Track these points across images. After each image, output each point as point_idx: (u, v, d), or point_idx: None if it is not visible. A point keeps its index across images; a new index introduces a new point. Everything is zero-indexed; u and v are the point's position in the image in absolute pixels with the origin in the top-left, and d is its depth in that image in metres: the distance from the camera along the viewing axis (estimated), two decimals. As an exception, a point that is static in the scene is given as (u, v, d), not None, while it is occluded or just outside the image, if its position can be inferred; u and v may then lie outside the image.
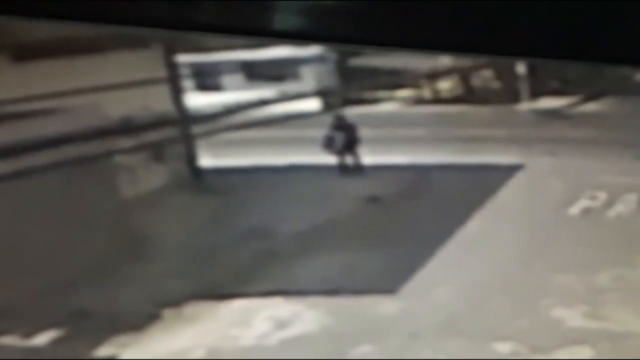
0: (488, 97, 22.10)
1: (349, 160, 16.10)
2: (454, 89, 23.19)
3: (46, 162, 9.38)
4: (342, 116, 16.71)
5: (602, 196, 12.91)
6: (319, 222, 12.27)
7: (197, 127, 15.26)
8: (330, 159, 15.87)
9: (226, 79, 21.91)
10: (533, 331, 8.51)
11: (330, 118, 16.56)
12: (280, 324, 9.11)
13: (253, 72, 21.96)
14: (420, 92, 23.22)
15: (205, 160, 15.62)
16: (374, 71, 19.49)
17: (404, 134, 18.10)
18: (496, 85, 22.98)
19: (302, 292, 9.89)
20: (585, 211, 12.51)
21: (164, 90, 14.79)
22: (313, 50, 20.49)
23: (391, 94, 22.95)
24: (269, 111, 14.10)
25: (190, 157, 15.47)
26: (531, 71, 21.50)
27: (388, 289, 9.77)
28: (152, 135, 12.55)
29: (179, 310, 9.61)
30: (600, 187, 13.21)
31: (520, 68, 21.55)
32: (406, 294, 9.67)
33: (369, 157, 15.79)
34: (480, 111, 21.13)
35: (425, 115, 21.05)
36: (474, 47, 0.73)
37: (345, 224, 12.39)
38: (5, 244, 9.55)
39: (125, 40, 13.00)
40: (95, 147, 10.62)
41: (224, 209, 13.22)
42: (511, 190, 13.90)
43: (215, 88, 21.28)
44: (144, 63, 13.90)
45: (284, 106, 15.54)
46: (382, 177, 14.81)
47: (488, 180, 14.11)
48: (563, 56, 0.74)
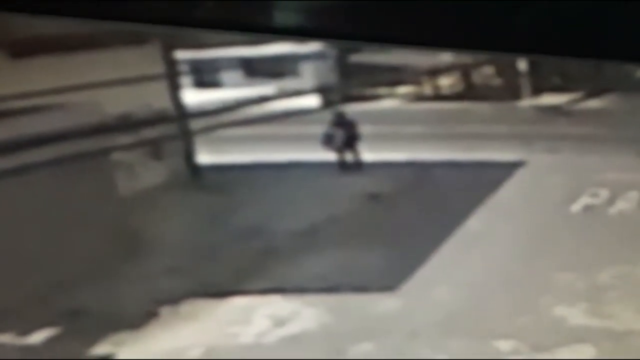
0: (489, 94, 22.05)
1: (349, 157, 16.05)
2: (454, 85, 23.14)
3: (43, 159, 9.32)
4: (342, 113, 16.65)
5: (604, 193, 12.85)
6: (318, 220, 12.22)
7: (196, 124, 15.19)
8: (330, 156, 15.82)
9: (225, 76, 21.86)
10: (534, 329, 8.46)
11: (329, 115, 16.50)
12: (279, 322, 9.05)
13: (252, 69, 21.92)
14: (420, 89, 23.18)
15: (204, 157, 15.56)
16: (374, 68, 19.43)
17: (404, 130, 18.05)
18: (497, 81, 22.92)
19: (301, 290, 9.84)
20: (587, 208, 12.44)
21: (162, 86, 14.76)
22: (313, 46, 20.42)
23: (391, 91, 22.89)
24: (269, 108, 14.04)
25: (189, 154, 15.42)
26: (532, 68, 21.45)
27: (388, 286, 9.73)
28: (151, 132, 12.52)
29: (177, 308, 9.56)
30: (602, 184, 13.15)
31: (522, 65, 21.50)
32: (406, 291, 9.62)
33: (368, 154, 15.74)
34: (481, 108, 21.08)
35: (426, 112, 21.00)
36: (475, 44, 0.74)
37: (344, 221, 12.33)
38: (1, 242, 9.48)
39: (123, 36, 12.95)
40: (93, 144, 10.56)
41: (223, 206, 13.16)
42: (512, 187, 13.85)
43: (214, 85, 21.23)
44: (143, 59, 13.85)
45: (284, 103, 15.46)
46: (382, 174, 14.76)
47: (489, 178, 14.06)
48: (564, 53, 0.74)
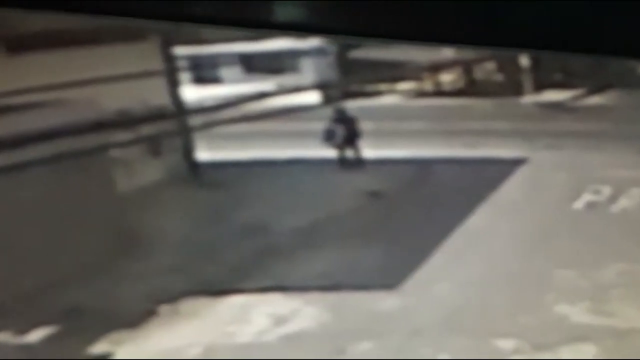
0: (491, 90, 21.97)
1: (350, 153, 15.99)
2: (456, 81, 23.08)
3: (41, 156, 9.25)
4: (343, 109, 16.57)
5: (607, 190, 12.78)
6: (318, 217, 12.16)
7: (195, 120, 15.12)
8: (331, 153, 15.77)
9: (224, 72, 21.80)
10: (536, 328, 8.42)
11: (330, 111, 16.41)
12: (279, 321, 9.01)
13: (252, 65, 21.86)
14: (421, 85, 23.11)
15: (203, 153, 15.50)
16: (374, 64, 19.33)
17: (405, 127, 17.98)
18: (499, 77, 22.85)
19: (301, 288, 9.78)
20: (590, 205, 12.38)
21: (161, 82, 14.71)
22: (313, 42, 20.37)
23: (392, 87, 22.82)
24: (268, 104, 13.95)
25: (188, 151, 15.37)
26: (535, 64, 21.38)
27: (388, 284, 9.68)
28: (149, 129, 12.43)
29: (176, 307, 9.51)
30: (605, 181, 13.08)
31: (524, 60, 21.42)
32: (407, 289, 9.57)
33: (369, 151, 15.68)
34: (483, 104, 21.00)
35: (427, 108, 20.94)
36: (476, 39, 0.73)
37: (345, 219, 12.27)
38: (-1, 239, 9.43)
39: (122, 32, 12.90)
40: (91, 141, 10.49)
41: (222, 204, 13.11)
42: (514, 184, 13.79)
43: (213, 81, 21.15)
44: (141, 55, 13.80)
45: (283, 99, 15.39)
46: (383, 171, 14.71)
47: (491, 174, 14.00)
48: (567, 49, 0.74)
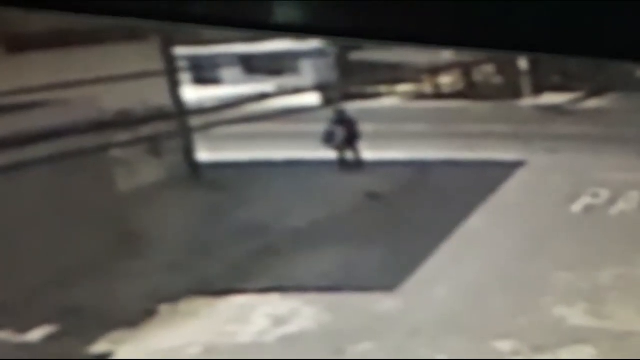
0: (489, 93, 22.00)
1: (349, 155, 16.00)
2: (455, 84, 23.10)
3: (41, 155, 9.28)
4: (342, 111, 16.59)
5: (605, 193, 12.81)
6: (318, 218, 12.17)
7: (195, 121, 15.16)
8: (330, 154, 15.78)
9: (224, 73, 21.80)
10: (534, 329, 8.44)
11: (330, 112, 16.44)
12: (278, 321, 9.02)
13: (252, 66, 21.85)
14: (421, 87, 23.13)
15: (203, 154, 15.51)
16: (374, 65, 19.37)
17: (405, 129, 18.00)
18: (498, 80, 22.88)
19: (301, 289, 9.79)
20: (588, 208, 12.41)
21: (161, 83, 14.70)
22: (313, 44, 20.37)
23: (392, 89, 22.83)
24: (268, 105, 14.00)
25: (188, 151, 15.37)
26: (533, 66, 21.40)
27: (387, 285, 9.70)
28: (149, 129, 12.48)
29: (176, 307, 9.52)
30: (603, 184, 13.12)
31: (522, 63, 21.45)
32: (406, 291, 9.59)
33: (369, 152, 15.70)
34: (482, 107, 21.03)
35: (426, 110, 20.96)
36: (475, 42, 0.73)
37: (344, 220, 12.28)
38: (-1, 239, 9.44)
39: (122, 32, 12.92)
40: (91, 141, 10.53)
41: (222, 204, 13.11)
42: (513, 187, 13.81)
43: (213, 81, 21.14)
44: (142, 56, 13.80)
45: (283, 100, 15.43)
46: (382, 173, 14.72)
47: (489, 177, 14.02)
48: (565, 51, 0.74)
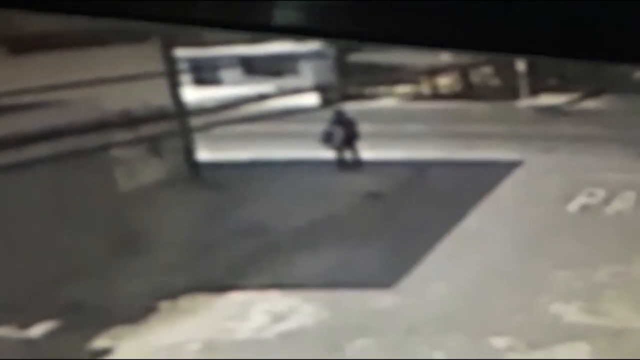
0: (487, 94, 22.09)
1: (348, 155, 16.07)
2: (453, 85, 23.18)
3: (43, 155, 9.37)
4: (342, 111, 16.65)
5: (601, 193, 12.90)
6: (317, 217, 12.23)
7: (195, 122, 15.22)
8: (329, 154, 15.84)
9: (224, 74, 21.85)
10: (530, 327, 8.49)
11: (329, 113, 16.51)
12: (277, 318, 9.08)
13: (251, 67, 21.91)
14: (419, 88, 23.21)
15: (203, 154, 15.57)
16: (373, 67, 19.48)
17: (403, 129, 18.08)
18: (495, 81, 22.96)
19: (300, 286, 9.85)
20: (584, 208, 12.49)
21: (162, 84, 14.75)
22: (312, 45, 20.43)
23: (390, 90, 22.92)
24: (268, 106, 14.08)
25: (188, 151, 15.42)
26: (530, 68, 21.49)
27: (385, 283, 9.75)
28: (150, 129, 12.54)
29: (176, 303, 9.58)
30: (599, 184, 13.20)
31: (520, 65, 21.52)
32: (403, 288, 9.65)
33: (367, 153, 15.76)
34: (480, 108, 21.12)
35: (424, 111, 21.03)
36: (473, 44, 0.74)
37: (343, 219, 12.35)
38: (1, 237, 9.50)
39: (123, 34, 12.96)
40: (92, 141, 10.61)
41: (221, 204, 13.17)
42: (510, 186, 13.89)
43: (214, 82, 21.20)
44: (142, 57, 13.86)
45: (283, 101, 15.52)
46: (381, 173, 14.78)
47: (486, 177, 14.09)
48: (562, 53, 0.74)
